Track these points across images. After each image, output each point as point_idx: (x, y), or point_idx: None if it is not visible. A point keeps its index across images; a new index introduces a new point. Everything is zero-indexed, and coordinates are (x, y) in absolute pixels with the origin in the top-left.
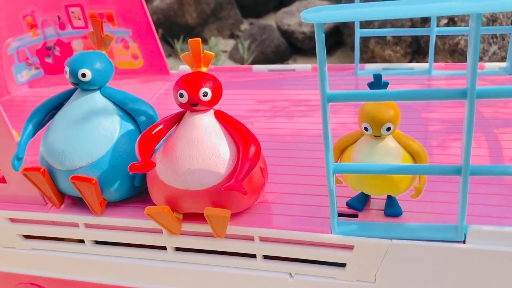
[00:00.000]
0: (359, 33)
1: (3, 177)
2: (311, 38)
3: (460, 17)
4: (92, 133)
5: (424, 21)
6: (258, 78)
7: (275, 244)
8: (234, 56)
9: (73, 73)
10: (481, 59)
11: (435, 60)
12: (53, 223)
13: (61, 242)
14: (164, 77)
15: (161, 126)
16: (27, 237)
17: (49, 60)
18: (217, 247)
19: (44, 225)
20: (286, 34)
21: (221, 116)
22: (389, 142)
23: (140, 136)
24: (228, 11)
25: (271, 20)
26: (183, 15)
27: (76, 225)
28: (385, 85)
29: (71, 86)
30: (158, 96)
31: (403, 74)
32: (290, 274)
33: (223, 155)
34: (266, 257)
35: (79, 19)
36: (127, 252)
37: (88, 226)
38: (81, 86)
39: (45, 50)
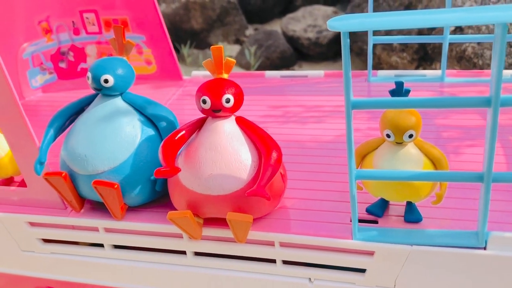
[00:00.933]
0: (372, 40)
1: (22, 181)
2: (316, 44)
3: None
4: (114, 138)
5: (431, 28)
6: (270, 84)
7: (295, 249)
8: (240, 61)
9: (96, 79)
10: (488, 65)
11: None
12: (72, 227)
13: (80, 246)
14: (177, 83)
15: (183, 132)
16: (46, 241)
17: (63, 65)
18: (237, 252)
19: (64, 229)
20: (292, 40)
21: (242, 122)
22: (411, 148)
23: (163, 141)
24: (233, 16)
25: (276, 26)
26: (188, 21)
27: (96, 229)
28: (407, 92)
29: (84, 91)
30: (172, 102)
31: (415, 81)
32: (310, 279)
33: (245, 161)
34: (285, 262)
35: (93, 24)
36: (146, 256)
37: (107, 230)
38: (103, 91)
39: (59, 55)
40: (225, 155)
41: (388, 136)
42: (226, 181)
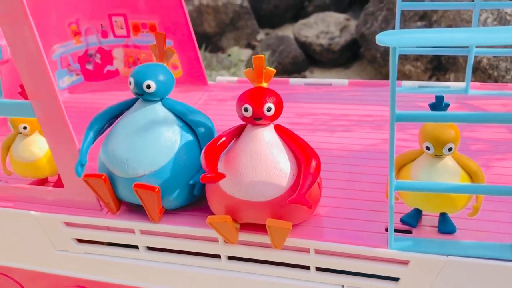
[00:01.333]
0: (397, 51)
1: (57, 181)
2: (328, 50)
3: None
4: (154, 142)
5: None
6: (295, 91)
7: (329, 256)
8: (251, 65)
9: (138, 84)
10: (503, 77)
11: (457, 78)
12: (108, 228)
13: (114, 247)
14: (203, 87)
15: (224, 139)
16: (80, 241)
17: (89, 67)
18: (271, 258)
19: (99, 230)
20: (304, 46)
21: (281, 130)
22: (448, 161)
23: (205, 148)
24: (245, 21)
25: (287, 31)
26: (201, 24)
27: (131, 231)
28: (446, 106)
29: (110, 93)
30: (198, 106)
31: (439, 93)
32: (343, 286)
33: (285, 169)
34: (318, 269)
35: (121, 28)
36: (181, 259)
37: (143, 232)
38: (144, 97)
39: (87, 57)
40: (265, 162)
41: (427, 148)
42: (266, 188)
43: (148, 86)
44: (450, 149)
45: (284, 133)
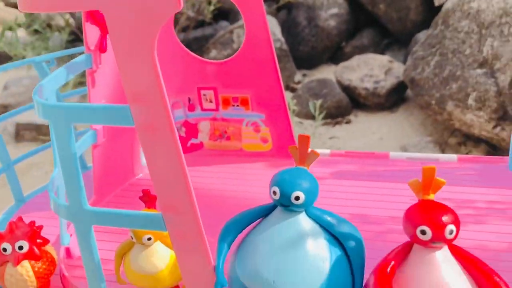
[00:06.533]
0: None
1: None
2: (374, 94)
3: None
4: (304, 262)
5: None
6: (397, 167)
7: None
8: (299, 111)
9: (286, 196)
10: None
11: None
12: None
13: None
14: (293, 161)
15: (393, 263)
16: None
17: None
18: None
19: None
20: (348, 89)
21: (457, 252)
22: None
23: (376, 276)
24: (284, 63)
25: (325, 72)
26: None
27: None
28: None
29: (194, 168)
30: None
31: None
32: None
33: None
34: None
35: (210, 101)
36: None
37: None
38: (290, 208)
39: None
40: None
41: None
42: None
43: (297, 198)
44: None
45: (460, 255)
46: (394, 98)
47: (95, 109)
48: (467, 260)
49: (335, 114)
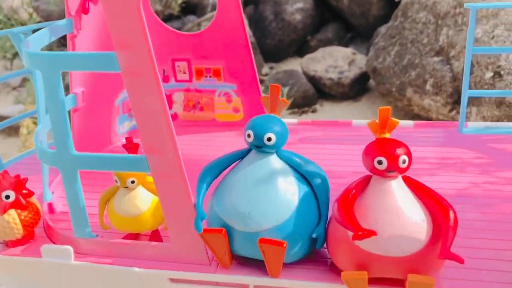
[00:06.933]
0: (467, 93)
1: (151, 236)
2: (338, 84)
3: (507, 71)
4: (276, 195)
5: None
6: (359, 133)
7: None
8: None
9: (259, 137)
10: None
11: (480, 112)
12: (216, 283)
13: None
14: None
15: (354, 191)
16: None
17: None
18: None
19: (207, 285)
20: (313, 80)
21: (409, 182)
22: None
23: (339, 202)
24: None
25: (290, 65)
26: None
27: (245, 286)
28: None
29: None
30: None
31: (506, 133)
32: None
33: (421, 222)
34: None
35: (184, 72)
36: None
37: (257, 287)
38: (263, 149)
39: None
40: (402, 216)
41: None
42: (405, 243)
43: (269, 139)
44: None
45: (413, 184)
46: (357, 88)
47: (83, 57)
48: (419, 189)
49: (302, 104)
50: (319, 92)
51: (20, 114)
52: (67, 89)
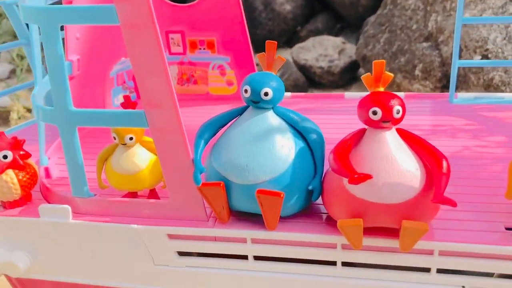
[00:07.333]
0: (457, 63)
1: (149, 195)
2: (328, 72)
3: (494, 54)
4: (273, 149)
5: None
6: (352, 104)
7: (451, 257)
8: None
9: (256, 92)
10: None
11: None
12: (214, 238)
13: (218, 258)
14: None
15: (349, 142)
16: (181, 254)
17: None
18: (392, 262)
19: (205, 241)
20: (304, 69)
21: (403, 134)
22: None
23: (334, 151)
24: None
25: (282, 55)
26: None
27: (242, 240)
28: None
29: None
30: None
31: (494, 103)
32: (463, 287)
33: (415, 170)
34: (439, 271)
35: (178, 45)
36: (291, 267)
37: (254, 241)
38: (259, 104)
39: None
40: (396, 164)
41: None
42: (400, 190)
43: (266, 94)
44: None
45: (407, 136)
46: (347, 76)
47: (83, 10)
48: (412, 140)
49: (292, 92)
50: (309, 80)
51: (18, 85)
52: None
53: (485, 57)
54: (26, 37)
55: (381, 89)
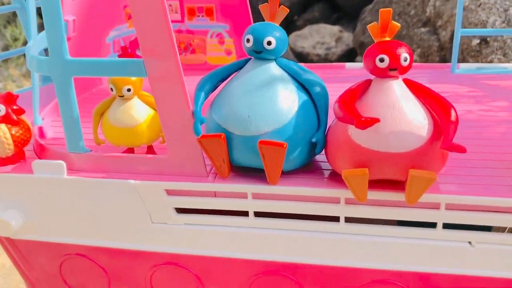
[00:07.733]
0: (460, 32)
1: (147, 151)
2: (325, 60)
3: (493, 38)
4: (275, 100)
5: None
6: (353, 74)
7: (458, 212)
8: None
9: (258, 41)
10: None
11: None
12: (214, 194)
13: (218, 216)
14: None
15: (355, 91)
16: (179, 211)
17: (139, 52)
18: (397, 216)
19: (204, 197)
20: (301, 56)
21: (410, 84)
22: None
23: (340, 99)
24: None
25: None
26: None
27: (243, 195)
28: None
29: None
30: None
31: (497, 73)
32: (470, 242)
33: (423, 119)
34: (445, 226)
35: (176, 12)
36: (293, 224)
37: (255, 196)
38: (262, 55)
39: (137, 42)
40: (403, 113)
41: None
42: (407, 138)
43: (269, 43)
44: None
45: (414, 86)
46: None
47: None
48: (420, 90)
49: None
50: None
51: (12, 50)
52: None
53: (483, 40)
54: (20, 1)
55: (388, 38)
